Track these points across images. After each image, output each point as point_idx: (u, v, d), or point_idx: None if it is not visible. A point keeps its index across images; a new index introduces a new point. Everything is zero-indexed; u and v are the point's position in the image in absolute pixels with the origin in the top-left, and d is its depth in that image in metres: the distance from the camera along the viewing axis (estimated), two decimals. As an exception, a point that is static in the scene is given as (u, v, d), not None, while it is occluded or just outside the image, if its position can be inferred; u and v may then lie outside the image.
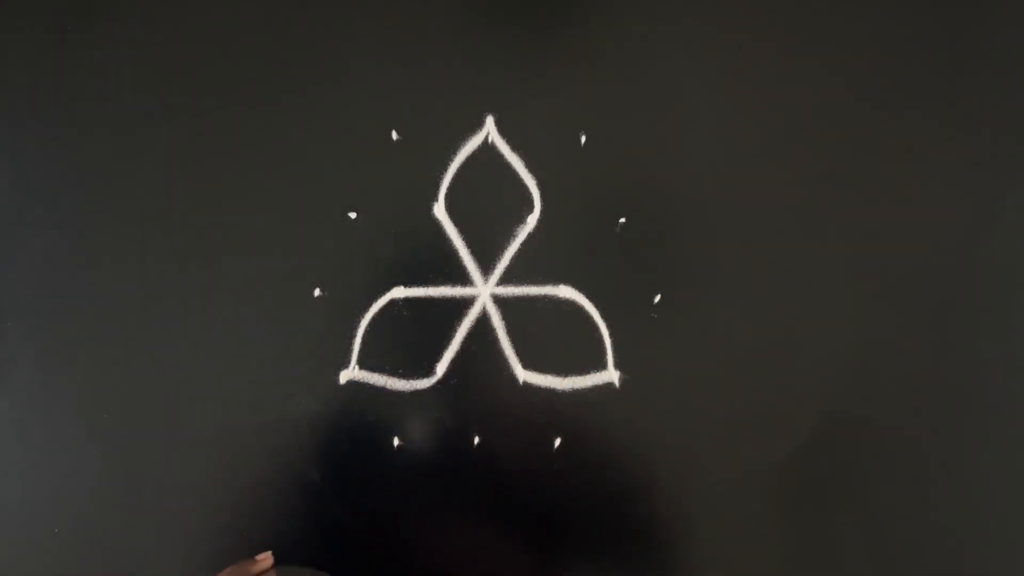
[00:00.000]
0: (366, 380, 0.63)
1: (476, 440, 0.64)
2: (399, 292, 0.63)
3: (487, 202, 0.63)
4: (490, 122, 0.62)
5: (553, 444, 0.64)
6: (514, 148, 0.63)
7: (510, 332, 0.63)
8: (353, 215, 0.63)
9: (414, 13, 0.62)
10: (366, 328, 0.63)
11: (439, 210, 0.63)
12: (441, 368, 0.63)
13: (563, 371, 0.63)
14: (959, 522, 0.65)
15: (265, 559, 0.57)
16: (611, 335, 0.64)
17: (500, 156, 0.63)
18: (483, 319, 0.63)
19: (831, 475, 0.65)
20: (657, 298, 0.63)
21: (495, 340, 0.63)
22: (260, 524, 0.62)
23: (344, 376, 0.63)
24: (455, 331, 0.63)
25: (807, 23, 0.63)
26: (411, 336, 0.63)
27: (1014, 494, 0.65)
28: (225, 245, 0.63)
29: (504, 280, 0.63)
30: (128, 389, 0.63)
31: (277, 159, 0.62)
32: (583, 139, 0.63)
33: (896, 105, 0.63)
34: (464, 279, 0.63)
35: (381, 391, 0.63)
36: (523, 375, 0.63)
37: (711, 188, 0.63)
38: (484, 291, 0.63)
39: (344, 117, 0.62)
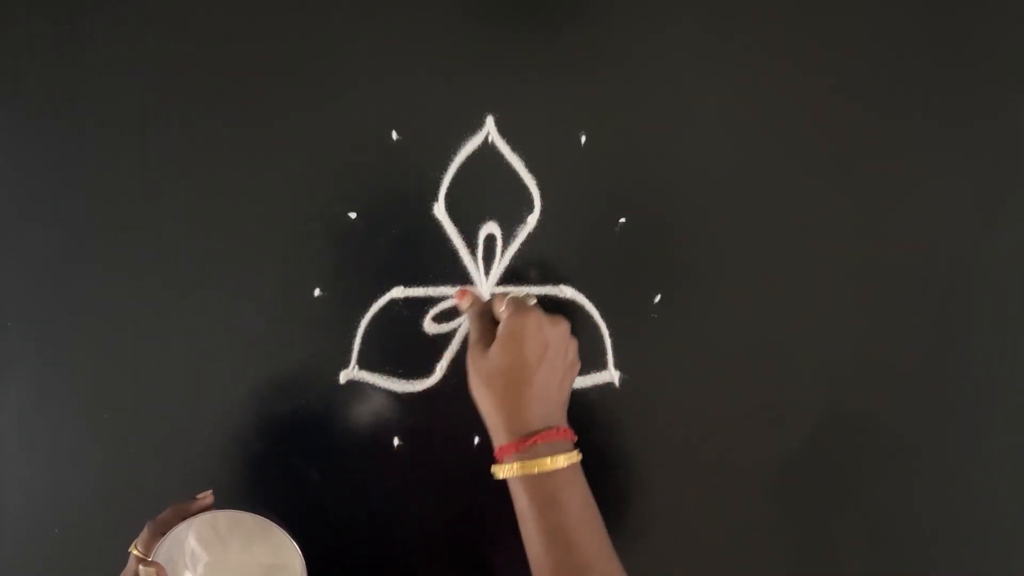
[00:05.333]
0: (366, 380, 0.63)
1: (476, 440, 0.63)
2: (399, 292, 0.63)
3: (487, 202, 0.63)
4: (490, 122, 0.62)
5: (553, 444, 0.64)
6: (514, 148, 0.63)
7: (510, 332, 0.63)
8: (353, 215, 0.63)
9: (414, 13, 0.62)
10: (366, 328, 0.63)
11: (439, 210, 0.63)
12: (441, 368, 0.63)
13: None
14: (959, 522, 0.65)
15: (205, 496, 0.56)
16: (611, 335, 0.64)
17: (500, 156, 0.63)
18: (483, 319, 0.63)
19: (831, 475, 0.65)
20: (657, 298, 0.63)
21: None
22: (260, 524, 0.62)
23: (344, 376, 0.63)
24: (455, 331, 0.63)
25: (807, 23, 0.63)
26: (411, 336, 0.63)
27: (1014, 494, 0.65)
28: (225, 245, 0.63)
29: (504, 280, 0.63)
30: (128, 389, 0.63)
31: (277, 159, 0.62)
32: (583, 139, 0.63)
33: (896, 105, 0.63)
34: (464, 279, 0.63)
35: (381, 391, 0.63)
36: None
37: (711, 188, 0.63)
38: (484, 291, 0.63)
39: (344, 117, 0.62)
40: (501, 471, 0.55)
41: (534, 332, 0.56)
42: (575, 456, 0.55)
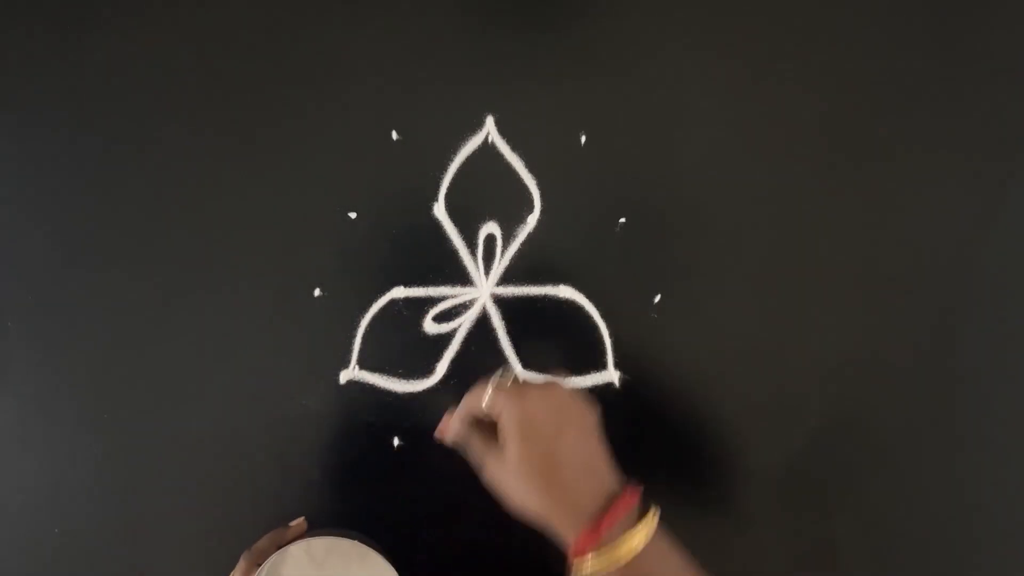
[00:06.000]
0: (366, 380, 0.63)
1: (476, 440, 0.63)
2: (399, 292, 0.63)
3: (487, 202, 0.63)
4: (490, 122, 0.62)
5: (553, 444, 0.64)
6: (514, 148, 0.63)
7: (510, 332, 0.63)
8: (353, 215, 0.63)
9: (414, 13, 0.62)
10: (366, 328, 0.63)
11: (439, 210, 0.63)
12: (441, 368, 0.63)
13: (563, 371, 0.63)
14: (958, 522, 0.65)
15: (299, 524, 0.57)
16: (611, 335, 0.64)
17: (500, 156, 0.63)
18: (483, 319, 0.63)
19: (831, 475, 0.65)
20: (657, 298, 0.63)
21: (495, 340, 0.63)
22: (260, 524, 0.62)
23: (344, 376, 0.63)
24: (455, 331, 0.63)
25: (807, 23, 0.63)
26: (411, 336, 0.63)
27: (1013, 494, 0.65)
28: (225, 245, 0.63)
29: (504, 280, 0.63)
30: (128, 389, 0.63)
31: (277, 159, 0.62)
32: (583, 139, 0.63)
33: (896, 105, 0.63)
34: (464, 279, 0.63)
35: (381, 391, 0.63)
36: (523, 375, 0.63)
37: (711, 188, 0.63)
38: (484, 291, 0.63)
39: (344, 117, 0.62)
40: (586, 567, 0.49)
41: (536, 409, 0.52)
42: (652, 520, 0.49)
